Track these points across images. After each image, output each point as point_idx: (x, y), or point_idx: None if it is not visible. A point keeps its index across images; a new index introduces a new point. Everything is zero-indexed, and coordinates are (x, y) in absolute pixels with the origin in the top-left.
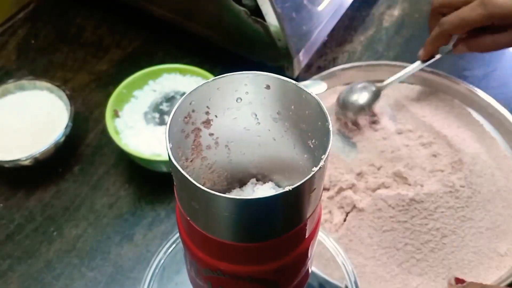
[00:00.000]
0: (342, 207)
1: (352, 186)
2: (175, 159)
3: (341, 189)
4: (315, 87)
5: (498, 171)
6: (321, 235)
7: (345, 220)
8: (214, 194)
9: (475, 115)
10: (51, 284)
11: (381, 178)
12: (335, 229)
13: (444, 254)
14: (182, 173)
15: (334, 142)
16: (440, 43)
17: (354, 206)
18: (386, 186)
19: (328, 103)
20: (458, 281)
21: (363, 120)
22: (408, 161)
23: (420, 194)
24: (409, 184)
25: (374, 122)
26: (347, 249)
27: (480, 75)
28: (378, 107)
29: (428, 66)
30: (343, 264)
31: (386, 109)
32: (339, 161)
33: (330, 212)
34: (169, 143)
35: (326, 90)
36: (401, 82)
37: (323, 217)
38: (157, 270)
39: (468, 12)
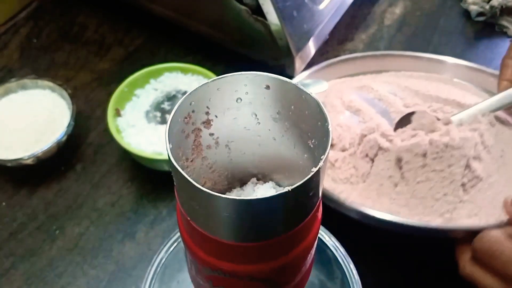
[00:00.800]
0: (366, 155)
1: (373, 131)
2: (175, 160)
3: (362, 136)
4: (316, 86)
5: None
6: (321, 233)
7: (371, 167)
8: (213, 194)
9: (476, 89)
10: (53, 282)
11: (404, 132)
12: (363, 180)
13: (493, 194)
14: (181, 174)
15: (347, 119)
16: None
17: (380, 148)
18: (412, 135)
19: (331, 90)
20: None
21: None
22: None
23: (457, 139)
24: (440, 132)
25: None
26: (379, 195)
27: None
28: (381, 90)
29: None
30: (343, 262)
31: (389, 90)
32: (355, 129)
33: (354, 166)
34: (169, 143)
35: (327, 81)
36: (398, 70)
37: (348, 172)
38: (158, 268)
39: None
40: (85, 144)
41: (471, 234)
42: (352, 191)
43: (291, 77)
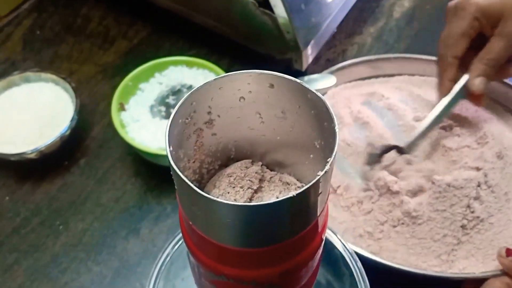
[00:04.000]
0: (377, 189)
1: (385, 167)
2: (175, 162)
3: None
4: (324, 81)
5: None
6: (328, 233)
7: (374, 203)
8: (214, 200)
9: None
10: (57, 278)
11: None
12: (364, 213)
13: (493, 234)
14: (182, 178)
15: (353, 133)
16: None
17: (388, 189)
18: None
19: (340, 97)
20: (509, 252)
21: None
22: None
23: (459, 180)
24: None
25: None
26: (376, 231)
27: None
28: (392, 99)
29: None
30: (351, 261)
31: (400, 99)
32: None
33: (356, 196)
34: (170, 146)
35: (338, 85)
36: (412, 74)
37: (350, 201)
38: (164, 266)
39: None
40: (89, 138)
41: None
42: (352, 223)
43: (299, 72)
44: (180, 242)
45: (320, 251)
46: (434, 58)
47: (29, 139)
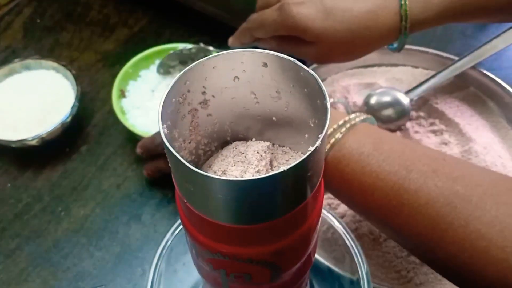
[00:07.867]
0: None
1: None
2: (169, 141)
3: None
4: None
5: (510, 162)
6: (330, 217)
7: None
8: (206, 175)
9: (491, 104)
10: (59, 263)
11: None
12: (340, 216)
13: None
14: (174, 155)
15: None
16: (245, 40)
17: None
18: None
19: (338, 86)
20: None
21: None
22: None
23: None
24: None
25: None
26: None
27: (492, 56)
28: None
29: (445, 51)
30: (352, 247)
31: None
32: None
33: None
34: (163, 124)
35: (338, 72)
36: (415, 67)
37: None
38: (165, 250)
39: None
40: (90, 125)
41: None
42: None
43: (301, 60)
44: (181, 227)
45: (316, 229)
46: (440, 52)
47: (30, 126)
